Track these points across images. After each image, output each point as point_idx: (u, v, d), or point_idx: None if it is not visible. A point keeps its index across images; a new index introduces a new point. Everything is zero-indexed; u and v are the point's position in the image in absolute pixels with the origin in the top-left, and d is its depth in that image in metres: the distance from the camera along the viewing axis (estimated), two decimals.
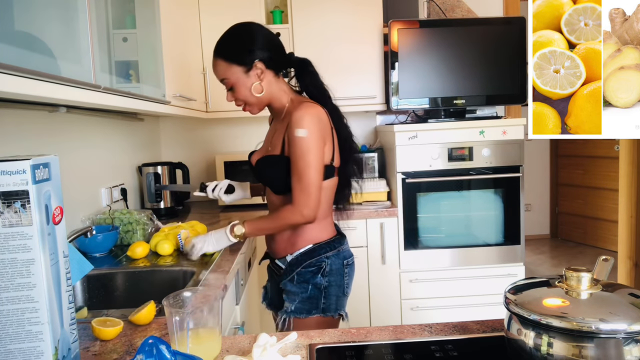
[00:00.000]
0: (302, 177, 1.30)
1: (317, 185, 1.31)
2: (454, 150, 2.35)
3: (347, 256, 1.45)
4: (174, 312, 0.81)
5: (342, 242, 1.45)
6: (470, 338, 0.88)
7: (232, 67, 1.35)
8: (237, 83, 1.36)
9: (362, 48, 2.57)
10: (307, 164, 1.29)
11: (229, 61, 1.35)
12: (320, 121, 1.32)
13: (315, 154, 1.30)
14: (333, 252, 1.40)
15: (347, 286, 1.44)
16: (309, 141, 1.29)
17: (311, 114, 1.30)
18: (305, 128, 1.28)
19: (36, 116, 1.49)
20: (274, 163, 1.37)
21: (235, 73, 1.35)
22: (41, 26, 0.92)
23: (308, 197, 1.30)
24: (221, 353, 0.87)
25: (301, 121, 1.29)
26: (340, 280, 1.41)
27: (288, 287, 1.40)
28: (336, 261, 1.40)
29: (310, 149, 1.29)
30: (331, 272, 1.39)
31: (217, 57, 1.37)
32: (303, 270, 1.38)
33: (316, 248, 1.39)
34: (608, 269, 0.79)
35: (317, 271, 1.38)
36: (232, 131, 2.94)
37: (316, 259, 1.38)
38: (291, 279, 1.39)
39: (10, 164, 0.67)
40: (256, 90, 1.37)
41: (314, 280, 1.37)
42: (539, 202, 5.12)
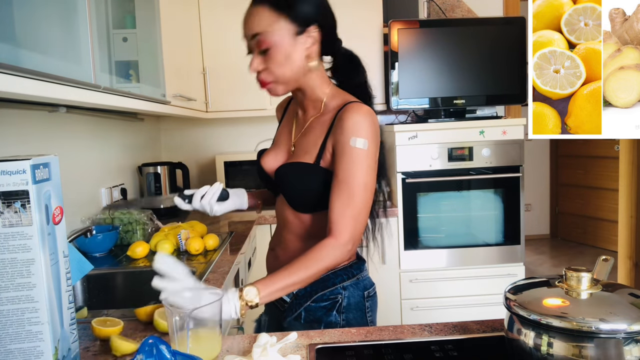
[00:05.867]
0: (354, 200, 0.99)
1: (367, 212, 1.03)
2: (454, 150, 2.35)
3: (369, 286, 1.15)
4: (174, 312, 0.81)
5: (362, 269, 1.15)
6: (470, 338, 0.88)
7: (280, 21, 0.99)
8: (277, 45, 0.99)
9: (362, 48, 2.52)
10: (362, 184, 1.00)
11: (279, 10, 0.98)
12: (378, 130, 1.04)
13: (372, 172, 1.03)
14: (351, 281, 1.10)
15: (372, 324, 1.15)
16: (368, 156, 1.00)
17: (371, 121, 1.02)
18: (366, 138, 0.99)
19: (36, 116, 1.49)
20: (307, 173, 1.06)
21: (281, 30, 0.99)
22: (41, 26, 0.92)
23: (356, 226, 1.00)
24: (221, 353, 0.86)
25: (360, 128, 0.99)
26: (362, 317, 1.11)
27: (294, 327, 1.09)
28: (355, 293, 1.11)
29: (369, 165, 1.01)
30: (349, 307, 1.09)
31: (261, 2, 1.00)
32: (313, 305, 1.09)
33: (330, 276, 1.09)
34: (608, 269, 0.78)
35: (332, 307, 1.08)
36: (232, 131, 2.94)
37: (330, 290, 1.09)
38: (297, 316, 1.10)
39: (10, 164, 0.67)
40: (303, 65, 1.03)
41: (328, 319, 1.08)
42: (539, 202, 5.12)
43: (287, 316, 1.12)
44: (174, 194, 1.24)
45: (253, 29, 1.00)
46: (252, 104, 2.53)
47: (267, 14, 0.99)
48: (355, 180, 0.99)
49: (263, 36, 0.99)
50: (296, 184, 1.07)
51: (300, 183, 1.06)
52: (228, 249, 1.68)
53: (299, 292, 1.10)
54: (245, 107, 2.54)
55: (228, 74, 2.47)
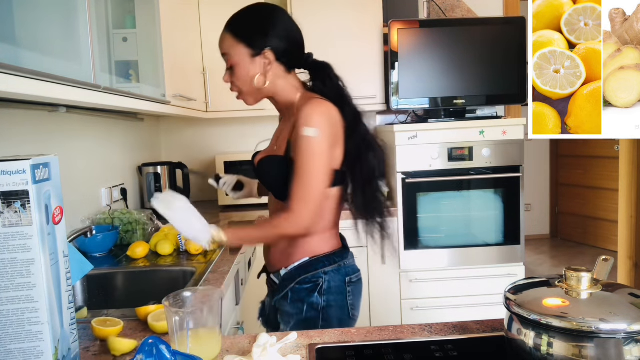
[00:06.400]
0: (303, 183, 1.14)
1: (319, 194, 1.15)
2: (454, 150, 2.35)
3: (351, 273, 1.27)
4: (174, 312, 0.81)
5: (345, 257, 1.28)
6: (470, 338, 0.88)
7: (239, 46, 1.19)
8: (238, 65, 1.20)
9: (362, 48, 2.57)
10: (311, 168, 1.13)
11: (237, 38, 1.19)
12: (332, 120, 1.18)
13: (323, 157, 1.15)
14: (332, 267, 1.23)
15: (353, 308, 1.26)
16: (317, 142, 1.13)
17: (322, 112, 1.16)
18: (315, 127, 1.13)
19: (36, 116, 1.49)
20: (277, 164, 1.22)
21: (240, 54, 1.19)
22: (41, 26, 0.92)
23: (306, 206, 1.14)
24: (221, 353, 0.87)
25: (310, 119, 1.13)
26: (342, 300, 1.23)
27: (282, 306, 1.25)
28: (336, 277, 1.23)
29: (318, 151, 1.14)
30: (330, 290, 1.22)
31: (226, 30, 1.22)
32: (297, 287, 1.22)
33: (313, 262, 1.23)
34: (608, 269, 0.78)
35: (314, 289, 1.21)
36: (232, 131, 2.94)
37: (312, 274, 1.22)
38: (285, 296, 1.23)
39: (10, 164, 0.67)
40: (258, 82, 1.21)
41: (310, 300, 1.21)
42: (539, 202, 5.12)
43: (276, 296, 1.27)
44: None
45: (222, 49, 1.23)
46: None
47: (229, 39, 1.21)
48: (306, 166, 1.14)
49: (228, 56, 1.22)
50: (271, 175, 1.24)
51: (274, 174, 1.23)
52: (228, 249, 1.68)
53: (286, 276, 1.24)
54: (245, 107, 2.48)
55: None
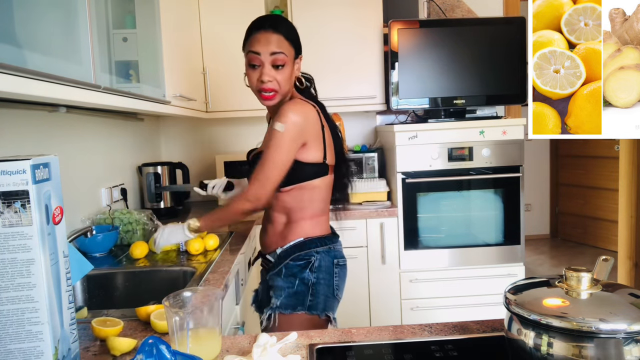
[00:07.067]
0: (262, 168, 1.29)
1: (274, 178, 1.29)
2: (454, 150, 2.35)
3: (339, 256, 1.42)
4: (174, 312, 0.81)
5: (335, 241, 1.43)
6: (470, 338, 0.88)
7: (290, 49, 1.34)
8: (287, 65, 1.33)
9: (362, 48, 2.57)
10: (272, 159, 1.28)
11: (290, 41, 1.34)
12: (305, 119, 1.30)
13: (284, 152, 1.28)
14: (324, 249, 1.38)
15: (338, 288, 1.40)
16: (281, 135, 1.27)
17: (296, 110, 1.29)
18: (284, 123, 1.27)
19: (36, 116, 1.49)
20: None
21: (291, 55, 1.35)
22: (41, 26, 0.92)
23: (262, 187, 1.29)
24: (221, 353, 0.87)
25: (283, 115, 1.27)
26: (330, 279, 1.38)
27: (275, 281, 1.36)
28: (326, 258, 1.38)
29: (281, 145, 1.27)
30: (320, 268, 1.36)
31: (280, 33, 1.32)
32: (291, 264, 1.35)
33: (307, 242, 1.37)
34: (608, 269, 0.79)
35: (306, 265, 1.35)
36: (232, 131, 2.94)
37: (305, 252, 1.36)
38: (279, 271, 1.36)
39: (10, 164, 0.67)
40: (292, 82, 1.38)
41: (302, 275, 1.34)
42: (539, 202, 5.11)
43: (270, 271, 1.40)
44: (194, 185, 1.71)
45: (275, 47, 1.31)
46: (251, 104, 2.51)
47: (284, 41, 1.32)
48: (268, 155, 1.29)
49: (281, 55, 1.31)
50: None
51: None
52: (228, 249, 1.68)
53: (282, 253, 1.38)
54: (245, 107, 2.54)
55: (228, 74, 2.47)
